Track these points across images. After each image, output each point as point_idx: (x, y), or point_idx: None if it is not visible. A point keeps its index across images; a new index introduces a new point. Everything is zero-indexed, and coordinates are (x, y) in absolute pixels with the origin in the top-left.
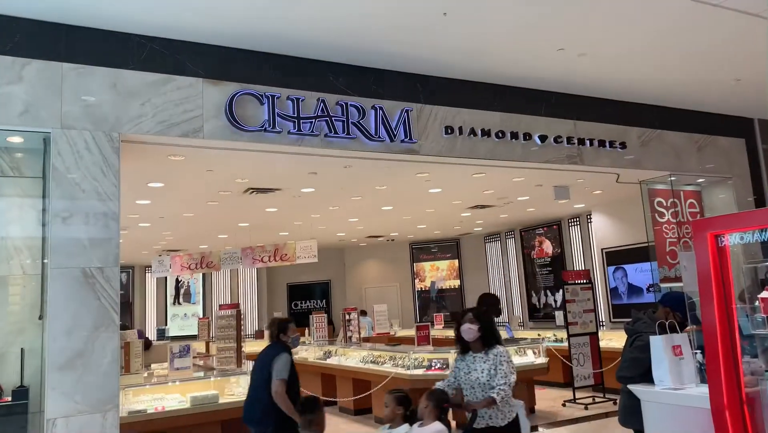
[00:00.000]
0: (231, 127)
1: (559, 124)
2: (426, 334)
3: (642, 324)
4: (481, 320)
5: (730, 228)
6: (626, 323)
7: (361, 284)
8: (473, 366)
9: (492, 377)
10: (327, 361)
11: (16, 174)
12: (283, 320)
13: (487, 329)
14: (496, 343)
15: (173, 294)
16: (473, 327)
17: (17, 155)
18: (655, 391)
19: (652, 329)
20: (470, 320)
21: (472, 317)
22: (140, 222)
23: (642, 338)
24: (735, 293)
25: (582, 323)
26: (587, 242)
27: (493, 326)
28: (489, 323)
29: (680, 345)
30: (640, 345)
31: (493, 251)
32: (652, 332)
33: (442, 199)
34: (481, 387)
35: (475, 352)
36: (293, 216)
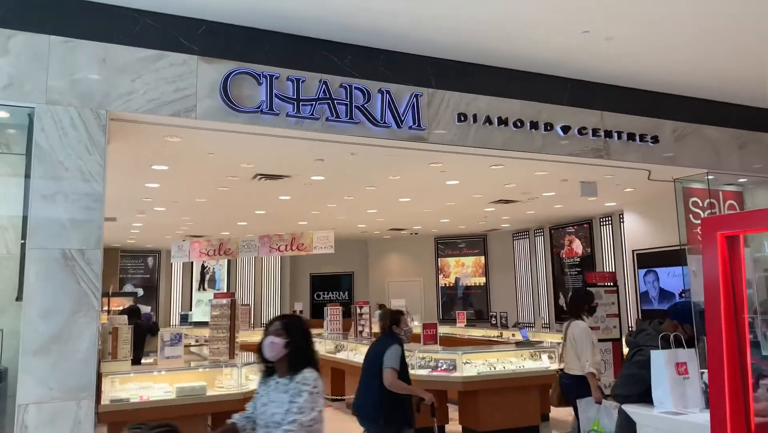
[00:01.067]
0: (226, 108)
1: (584, 114)
2: (433, 333)
3: (645, 336)
4: (292, 332)
5: (745, 228)
6: (628, 333)
7: (384, 277)
8: (273, 396)
9: (288, 413)
10: (337, 355)
11: (4, 150)
12: (396, 311)
13: (298, 345)
14: (307, 366)
15: (198, 280)
16: (278, 341)
17: (8, 131)
18: (652, 414)
19: (656, 342)
20: (276, 332)
21: (280, 327)
22: (155, 206)
23: (643, 352)
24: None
25: (605, 329)
26: (618, 243)
27: (308, 342)
28: (303, 336)
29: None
30: (640, 360)
31: (521, 248)
32: (654, 346)
33: (462, 192)
34: (277, 426)
35: (279, 376)
36: (308, 205)
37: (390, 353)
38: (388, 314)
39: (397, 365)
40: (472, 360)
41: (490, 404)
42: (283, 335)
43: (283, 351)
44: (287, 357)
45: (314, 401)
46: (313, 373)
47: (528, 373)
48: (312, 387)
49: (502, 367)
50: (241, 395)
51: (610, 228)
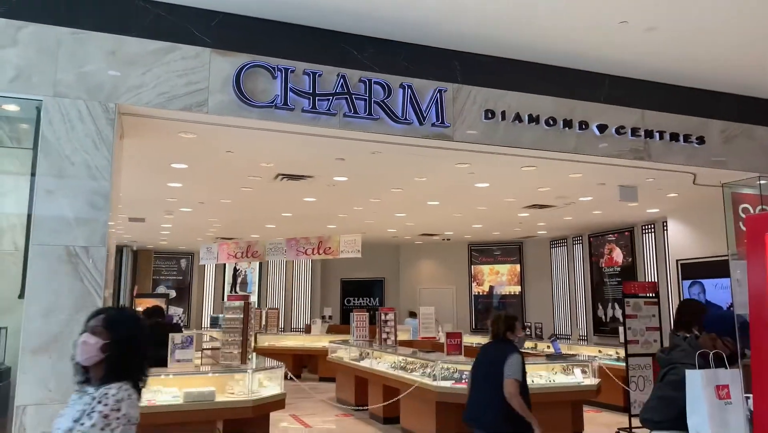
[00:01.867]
0: (238, 102)
1: (623, 112)
2: (457, 342)
3: (679, 352)
4: (115, 331)
5: None
6: (660, 349)
7: (416, 284)
8: (69, 409)
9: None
10: (360, 363)
11: (15, 145)
12: (510, 316)
13: (119, 350)
14: (120, 379)
15: (230, 282)
16: (92, 341)
17: (18, 126)
18: None
19: (692, 360)
20: (94, 329)
21: (100, 323)
22: (181, 206)
23: (676, 371)
24: None
25: (644, 342)
26: (662, 252)
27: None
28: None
29: (727, 385)
30: (673, 380)
31: (558, 256)
32: (690, 364)
33: (493, 195)
34: None
35: (92, 385)
36: (333, 207)
37: (512, 361)
38: (501, 318)
39: (520, 376)
40: None
41: None
42: (102, 335)
43: (98, 355)
44: (103, 363)
45: (108, 426)
46: (122, 391)
47: (558, 388)
48: (110, 408)
49: (531, 381)
50: (250, 402)
51: (653, 236)
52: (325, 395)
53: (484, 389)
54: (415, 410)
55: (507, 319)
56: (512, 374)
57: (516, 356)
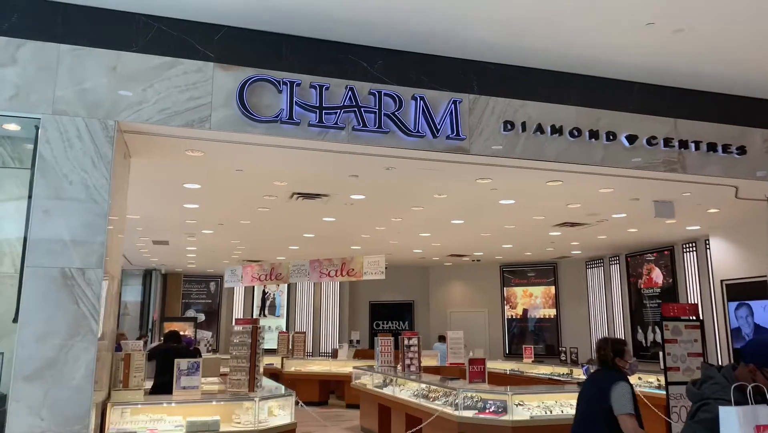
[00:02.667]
0: (242, 117)
1: (654, 122)
2: (481, 369)
3: (712, 386)
4: None
5: None
6: (690, 382)
7: (446, 307)
8: None
9: None
10: (383, 390)
11: (18, 165)
12: (618, 341)
13: None
14: None
15: (259, 306)
16: None
17: (21, 146)
18: None
19: (727, 394)
20: None
21: None
22: (202, 228)
23: (709, 408)
24: None
25: (685, 369)
26: (705, 272)
27: None
28: None
29: None
30: (705, 419)
31: (594, 277)
32: (725, 400)
33: (519, 213)
34: None
35: None
36: (354, 227)
37: (619, 392)
38: (609, 343)
39: (633, 408)
40: (525, 401)
41: None
42: None
43: None
44: None
45: None
46: None
47: None
48: None
49: (560, 411)
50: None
51: (695, 255)
52: (349, 423)
53: (587, 422)
54: None
55: (615, 344)
56: (624, 408)
57: (623, 385)
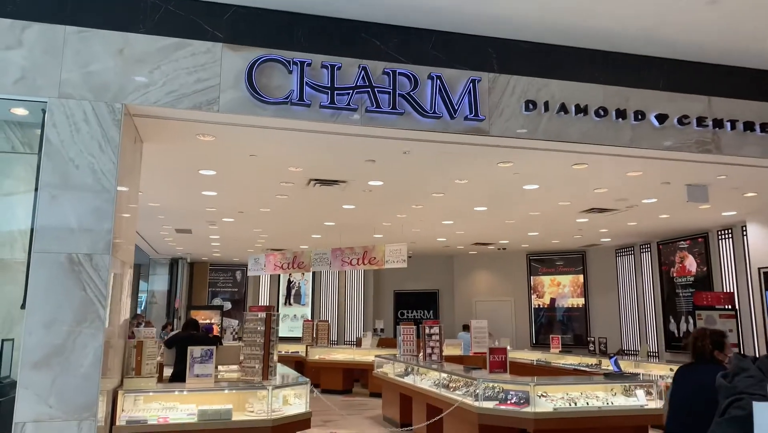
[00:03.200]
0: (251, 99)
1: (686, 100)
2: (502, 359)
3: (746, 380)
4: None
5: None
6: (721, 374)
7: (471, 297)
8: None
9: None
10: (404, 379)
11: (27, 151)
12: (717, 332)
13: None
14: None
15: (285, 294)
16: None
17: (31, 131)
18: None
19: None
20: None
21: None
22: (222, 217)
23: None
24: None
25: None
26: (741, 260)
27: None
28: None
29: None
30: (738, 416)
31: (625, 266)
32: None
33: (544, 198)
34: None
35: None
36: (376, 215)
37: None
38: (706, 334)
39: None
40: (549, 393)
41: None
42: None
43: None
44: None
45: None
46: None
47: (617, 411)
48: None
49: (586, 403)
50: (270, 422)
51: (730, 242)
52: (372, 412)
53: (688, 424)
54: (458, 432)
55: (714, 335)
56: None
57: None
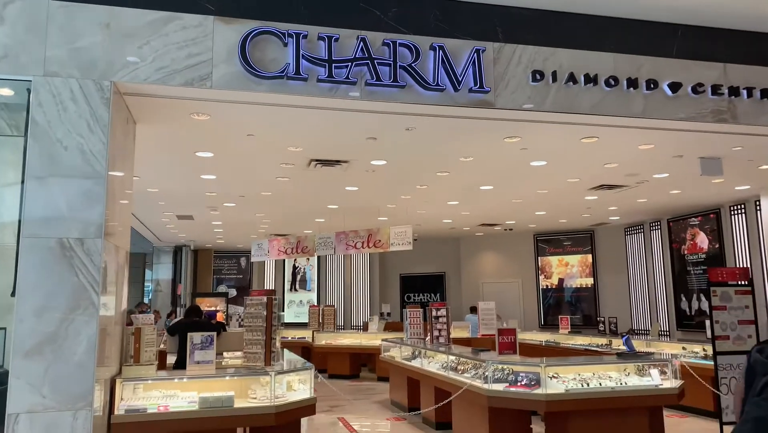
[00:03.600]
0: (245, 74)
1: (700, 67)
2: (511, 340)
3: None
4: None
5: None
6: (757, 346)
7: (478, 279)
8: None
9: None
10: (411, 363)
11: (15, 133)
12: None
13: None
14: None
15: (290, 280)
16: None
17: (16, 112)
18: None
19: None
20: None
21: None
22: (223, 201)
23: None
24: None
25: (735, 338)
26: (755, 236)
27: None
28: None
29: None
30: None
31: (634, 244)
32: None
33: (552, 175)
34: None
35: None
36: (379, 197)
37: None
38: None
39: None
40: (560, 374)
41: (583, 429)
42: None
43: None
44: None
45: None
46: None
47: (631, 392)
48: None
49: (598, 383)
50: (273, 408)
51: (743, 218)
52: (380, 396)
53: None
54: (467, 415)
55: None
56: None
57: None
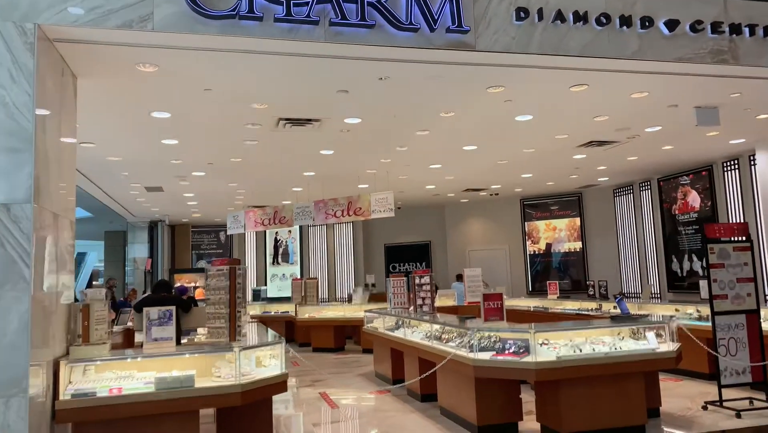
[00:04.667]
0: (191, 14)
1: (699, 3)
2: (498, 306)
3: None
4: None
5: None
6: None
7: (465, 246)
8: None
9: None
10: (394, 333)
11: None
12: None
13: None
14: None
15: (272, 254)
16: None
17: None
18: None
19: None
20: None
21: None
22: (191, 170)
23: None
24: None
25: (734, 297)
26: (749, 193)
27: None
28: None
29: None
30: None
31: (623, 206)
32: None
33: (539, 131)
34: None
35: None
36: (356, 161)
37: None
38: None
39: None
40: (550, 340)
41: (576, 397)
42: None
43: None
44: None
45: None
46: None
47: (626, 356)
48: None
49: (592, 349)
50: (238, 387)
51: (737, 174)
52: (365, 369)
53: None
54: (453, 386)
55: None
56: None
57: None
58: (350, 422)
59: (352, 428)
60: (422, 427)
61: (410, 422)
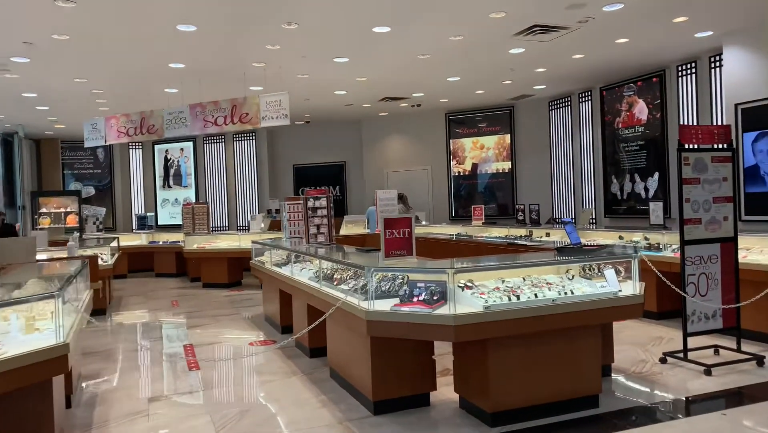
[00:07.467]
0: None
1: None
2: (405, 235)
3: None
4: None
5: None
6: None
7: (383, 167)
8: None
9: None
10: (281, 270)
11: None
12: None
13: None
14: None
15: (162, 175)
16: None
17: None
18: None
19: None
20: None
21: None
22: (8, 56)
23: None
24: None
25: (709, 222)
26: (707, 97)
27: None
28: None
29: None
30: None
31: (559, 120)
32: None
33: (470, 5)
34: None
35: None
36: (233, 45)
37: None
38: None
39: None
40: (476, 281)
41: (510, 360)
42: None
43: None
44: None
45: None
46: None
47: (581, 304)
48: None
49: (533, 294)
50: None
51: (693, 79)
52: (257, 310)
53: None
54: (345, 343)
55: None
56: None
57: None
58: (202, 394)
59: (200, 405)
60: (300, 401)
61: (287, 391)
